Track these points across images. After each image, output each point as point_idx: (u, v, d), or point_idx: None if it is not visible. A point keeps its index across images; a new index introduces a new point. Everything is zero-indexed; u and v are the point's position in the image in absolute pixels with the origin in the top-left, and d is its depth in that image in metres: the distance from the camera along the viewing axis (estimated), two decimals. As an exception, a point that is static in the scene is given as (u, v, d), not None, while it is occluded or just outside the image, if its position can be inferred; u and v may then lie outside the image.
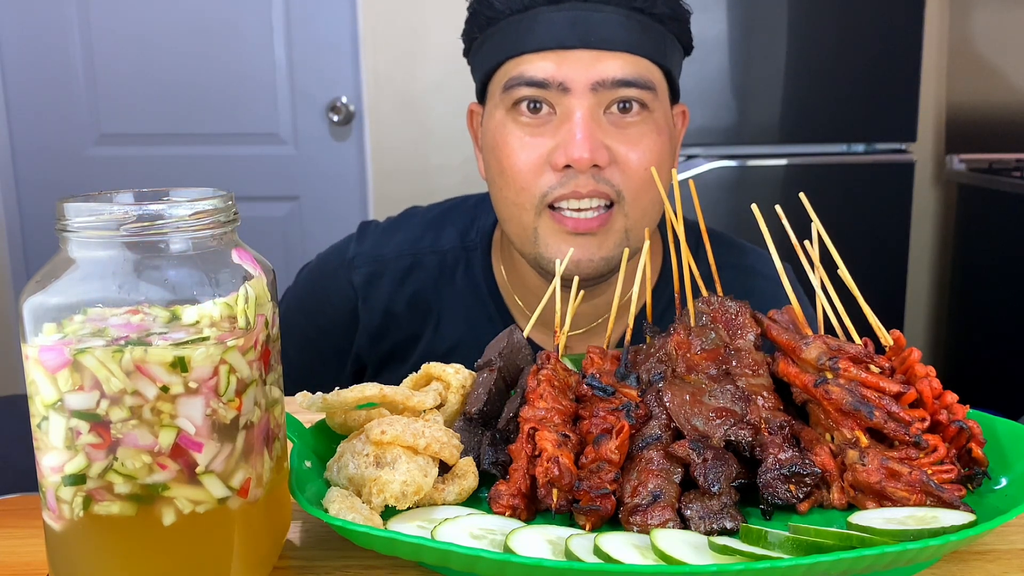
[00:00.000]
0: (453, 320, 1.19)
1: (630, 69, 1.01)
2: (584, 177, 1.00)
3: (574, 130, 0.99)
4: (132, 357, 0.55)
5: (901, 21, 2.62)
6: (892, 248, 2.76)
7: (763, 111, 2.66)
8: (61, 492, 0.57)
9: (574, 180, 1.01)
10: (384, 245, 1.21)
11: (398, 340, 1.20)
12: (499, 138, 1.05)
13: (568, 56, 1.00)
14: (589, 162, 0.99)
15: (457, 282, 1.19)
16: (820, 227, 0.81)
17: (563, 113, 1.01)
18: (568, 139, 0.99)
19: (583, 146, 0.98)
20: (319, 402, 0.74)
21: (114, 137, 2.91)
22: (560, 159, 1.00)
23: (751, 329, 0.81)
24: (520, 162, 1.03)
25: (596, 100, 1.01)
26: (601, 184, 1.01)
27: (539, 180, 1.02)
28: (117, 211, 0.57)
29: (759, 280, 1.14)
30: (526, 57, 1.02)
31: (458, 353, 1.16)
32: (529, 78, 1.01)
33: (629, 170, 1.02)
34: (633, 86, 1.01)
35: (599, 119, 1.01)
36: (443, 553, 0.59)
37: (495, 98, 1.06)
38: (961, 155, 3.02)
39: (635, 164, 1.02)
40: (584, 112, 1.00)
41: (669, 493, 0.69)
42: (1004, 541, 0.69)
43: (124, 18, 2.83)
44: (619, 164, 1.02)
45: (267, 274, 0.63)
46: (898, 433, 0.70)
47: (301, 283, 1.27)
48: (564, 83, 1.00)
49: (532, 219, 1.04)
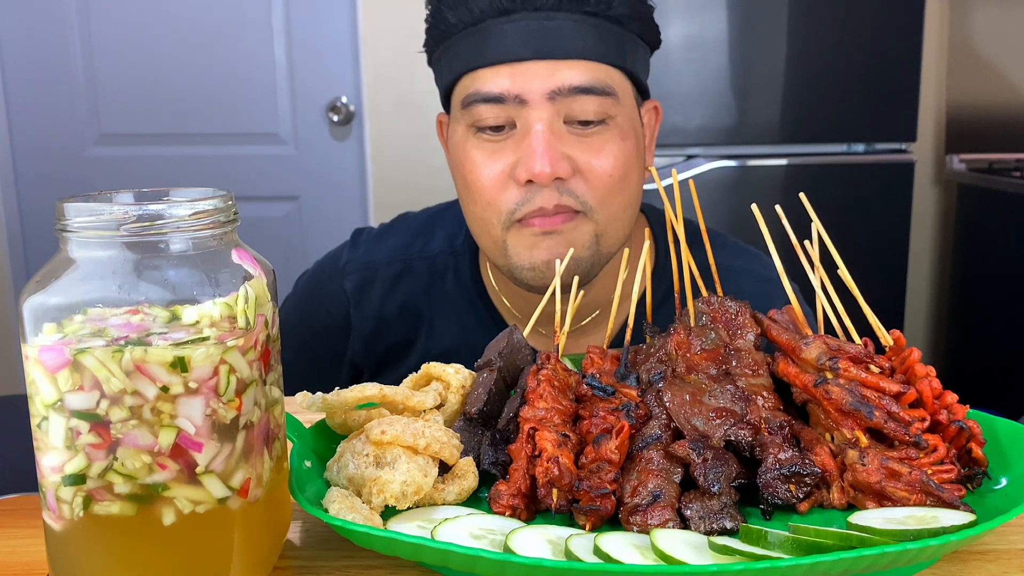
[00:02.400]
0: (445, 324, 1.19)
1: (587, 76, 0.99)
2: (548, 191, 0.99)
3: (533, 144, 0.98)
4: (132, 357, 0.55)
5: (901, 21, 2.62)
6: (892, 248, 2.76)
7: (763, 111, 2.66)
8: (61, 492, 0.57)
9: (539, 195, 0.99)
10: (375, 252, 1.22)
11: (391, 345, 1.21)
12: (462, 155, 1.04)
13: (523, 68, 0.99)
14: (551, 176, 0.98)
15: (447, 286, 1.19)
16: (820, 227, 0.81)
17: (523, 127, 1.00)
18: (528, 153, 0.98)
19: (543, 160, 0.97)
20: (319, 402, 0.74)
21: (114, 137, 2.91)
22: (522, 174, 0.99)
23: (751, 329, 0.81)
24: (483, 178, 1.02)
25: (555, 110, 0.99)
26: (565, 196, 1.00)
27: (504, 195, 1.01)
28: (117, 211, 0.57)
29: (748, 281, 1.13)
30: (481, 72, 1.01)
31: (452, 357, 1.14)
32: (485, 94, 1.00)
33: (593, 178, 1.01)
34: (591, 92, 0.99)
35: (559, 130, 1.00)
36: (443, 553, 0.59)
37: (456, 112, 1.06)
38: (961, 155, 3.02)
39: (599, 172, 1.00)
40: (544, 124, 0.98)
41: (669, 493, 0.69)
42: (1004, 541, 0.69)
43: (124, 18, 2.83)
44: (583, 173, 1.00)
45: (267, 274, 0.63)
46: (898, 433, 0.70)
47: (298, 290, 1.28)
48: (520, 95, 0.99)
49: (500, 233, 1.04)
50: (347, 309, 1.21)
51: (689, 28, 2.57)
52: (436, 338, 1.19)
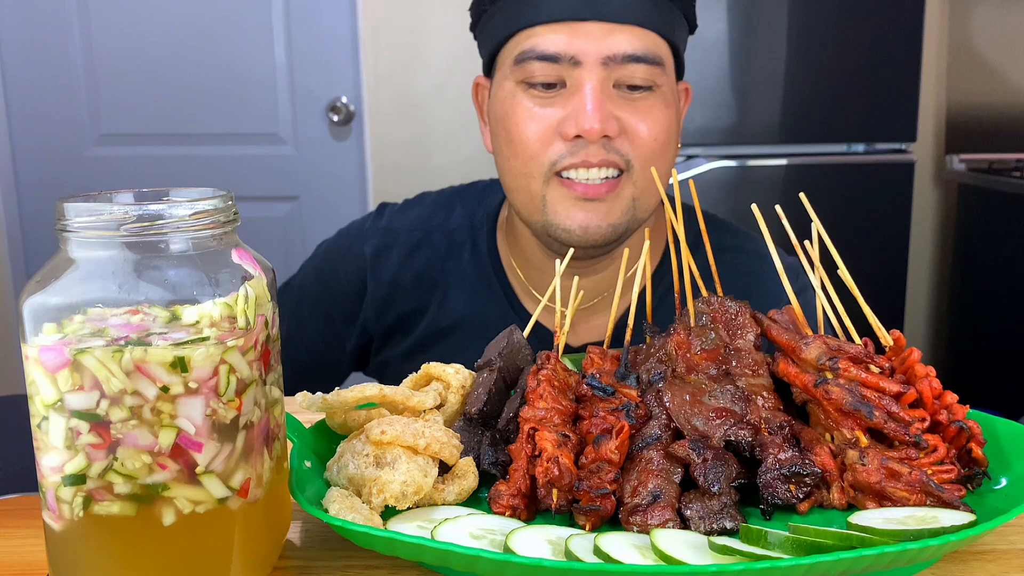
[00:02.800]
0: (458, 295, 1.21)
1: (640, 44, 1.03)
2: (594, 147, 1.02)
3: (585, 101, 1.01)
4: (132, 357, 0.55)
5: (901, 21, 2.62)
6: (892, 248, 2.76)
7: (763, 111, 2.66)
8: (61, 492, 0.57)
9: (584, 150, 1.02)
10: (397, 221, 1.26)
11: (403, 312, 1.23)
12: (508, 109, 1.07)
13: (580, 28, 1.02)
14: (600, 132, 1.01)
15: (464, 259, 1.22)
16: (820, 227, 0.81)
17: (573, 85, 1.03)
18: (579, 110, 1.01)
19: (594, 117, 1.00)
20: (319, 402, 0.74)
21: (114, 137, 2.91)
22: (571, 129, 1.02)
23: (751, 329, 0.81)
24: (530, 132, 1.04)
25: (606, 73, 1.02)
26: (611, 153, 1.03)
27: (548, 149, 1.04)
28: (117, 211, 0.57)
29: (766, 265, 1.16)
30: (537, 29, 1.03)
31: (462, 328, 1.20)
32: (541, 51, 1.03)
33: (638, 141, 1.04)
34: (642, 61, 1.03)
35: (609, 91, 1.03)
36: (443, 553, 0.59)
37: (504, 69, 1.08)
38: (961, 155, 3.02)
39: (644, 135, 1.04)
40: (595, 84, 1.02)
41: (669, 493, 0.69)
42: (1004, 541, 0.69)
43: (124, 18, 2.83)
44: (628, 135, 1.04)
45: (267, 274, 0.63)
46: (898, 433, 0.70)
47: (319, 254, 1.31)
48: (576, 56, 1.02)
49: (540, 187, 1.06)
50: (364, 273, 1.23)
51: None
52: (448, 308, 1.21)
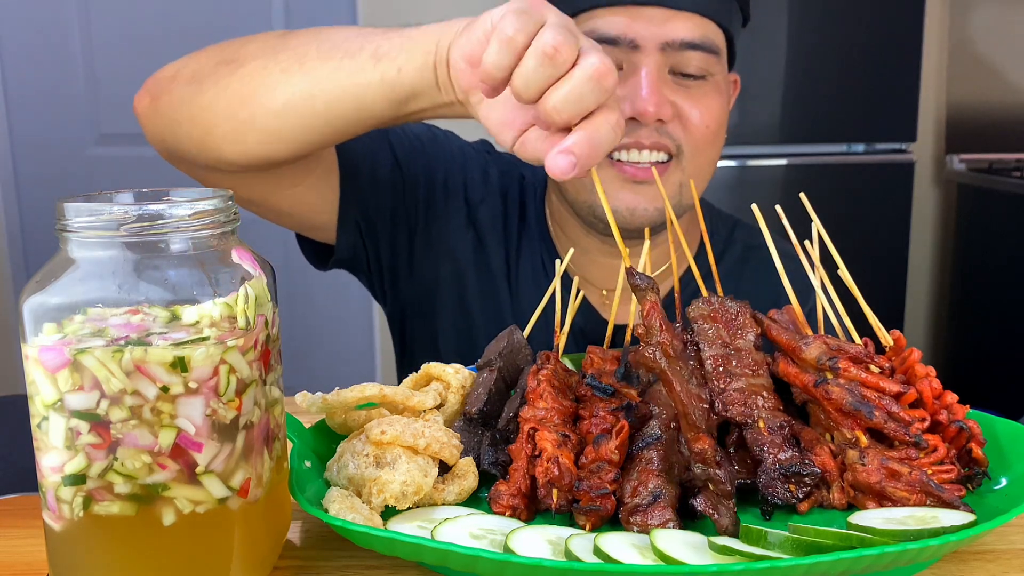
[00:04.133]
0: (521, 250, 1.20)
1: (698, 31, 1.03)
2: (647, 130, 1.03)
3: (641, 84, 1.02)
4: (132, 357, 0.55)
5: (901, 21, 2.62)
6: (892, 248, 2.76)
7: (763, 111, 2.66)
8: (61, 492, 0.57)
9: (637, 132, 1.03)
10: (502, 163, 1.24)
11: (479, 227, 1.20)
12: None
13: (639, 13, 1.03)
14: (654, 116, 1.02)
15: (528, 207, 1.21)
16: (820, 227, 0.82)
17: (630, 68, 1.04)
18: (635, 93, 1.02)
19: (649, 100, 1.01)
20: (319, 402, 0.74)
21: (114, 137, 2.90)
22: (626, 111, 1.02)
23: (751, 329, 0.81)
24: None
25: (663, 59, 1.03)
26: (663, 137, 1.04)
27: None
28: (117, 211, 0.57)
29: (796, 263, 1.17)
30: (598, 12, 1.04)
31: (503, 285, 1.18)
32: (601, 34, 1.03)
33: (690, 127, 1.05)
34: (700, 49, 1.04)
35: (664, 76, 1.04)
36: (443, 553, 0.59)
37: None
38: (961, 155, 3.02)
39: (696, 122, 1.05)
40: (651, 68, 1.02)
41: (669, 493, 0.69)
42: (1004, 541, 0.69)
43: (124, 18, 2.83)
44: (681, 120, 1.05)
45: (267, 274, 0.63)
46: (898, 433, 0.70)
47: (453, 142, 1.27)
48: (635, 40, 1.03)
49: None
50: (480, 179, 1.21)
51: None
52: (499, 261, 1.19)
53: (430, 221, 1.19)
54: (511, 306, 1.18)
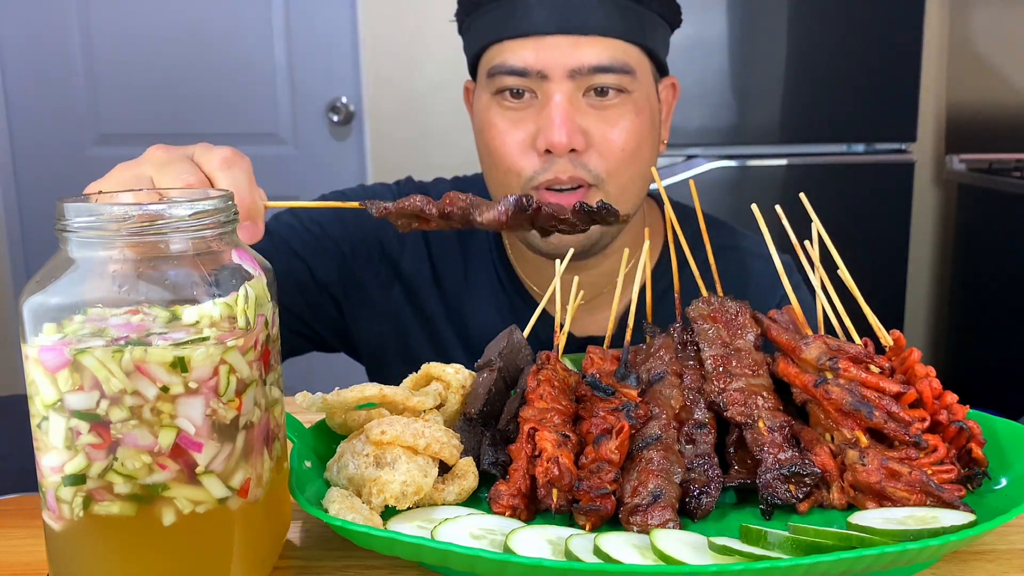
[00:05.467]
0: (474, 278, 1.21)
1: (607, 55, 1.03)
2: (563, 162, 1.03)
3: (553, 115, 1.02)
4: (132, 357, 0.55)
5: (901, 21, 2.62)
6: (892, 248, 2.75)
7: (763, 111, 2.66)
8: (61, 492, 0.57)
9: (555, 165, 1.04)
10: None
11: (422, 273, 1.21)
12: (485, 121, 1.09)
13: (546, 43, 1.03)
14: (567, 147, 1.02)
15: (482, 244, 1.22)
16: (820, 227, 0.81)
17: (543, 98, 1.04)
18: (547, 124, 1.03)
19: (561, 131, 1.01)
20: (319, 402, 0.74)
21: (114, 137, 2.90)
22: (541, 143, 1.03)
23: (751, 329, 0.81)
24: (505, 145, 1.06)
25: (575, 85, 1.03)
26: (579, 169, 1.04)
27: (524, 161, 1.05)
28: (117, 211, 0.57)
29: (759, 262, 1.18)
30: (506, 44, 1.05)
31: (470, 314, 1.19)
32: (510, 67, 1.04)
33: (606, 150, 1.05)
34: (610, 72, 1.03)
35: (577, 103, 1.04)
36: (443, 553, 0.59)
37: (482, 81, 1.10)
38: (961, 155, 3.02)
39: (612, 144, 1.05)
40: (563, 97, 1.03)
41: (669, 493, 0.69)
42: (1004, 541, 0.69)
43: (124, 18, 2.82)
44: (596, 147, 1.05)
45: (267, 274, 0.63)
46: (898, 433, 0.70)
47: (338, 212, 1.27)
48: (542, 71, 1.03)
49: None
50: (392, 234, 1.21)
51: (689, 28, 2.57)
52: (458, 292, 1.20)
53: (350, 291, 1.21)
54: (466, 331, 1.19)
